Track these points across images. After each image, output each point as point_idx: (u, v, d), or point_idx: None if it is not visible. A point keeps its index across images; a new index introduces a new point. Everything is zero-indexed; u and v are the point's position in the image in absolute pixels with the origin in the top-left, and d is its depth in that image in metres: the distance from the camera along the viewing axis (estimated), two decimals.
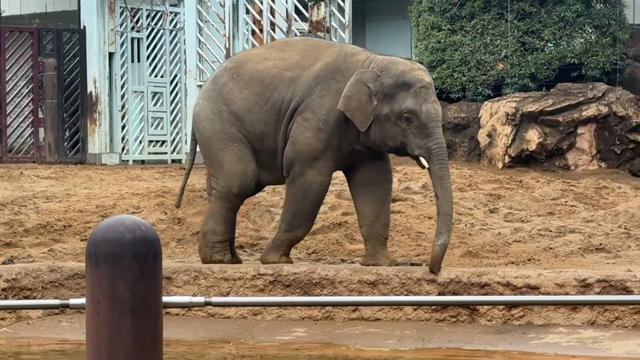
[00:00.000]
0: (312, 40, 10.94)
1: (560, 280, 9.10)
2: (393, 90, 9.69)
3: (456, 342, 8.92)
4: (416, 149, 9.65)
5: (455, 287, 9.32)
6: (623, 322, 8.90)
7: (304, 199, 10.00)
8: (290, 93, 9.96)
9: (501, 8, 21.01)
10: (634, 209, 12.61)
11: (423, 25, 21.73)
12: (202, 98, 10.42)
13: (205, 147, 10.37)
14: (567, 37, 20.81)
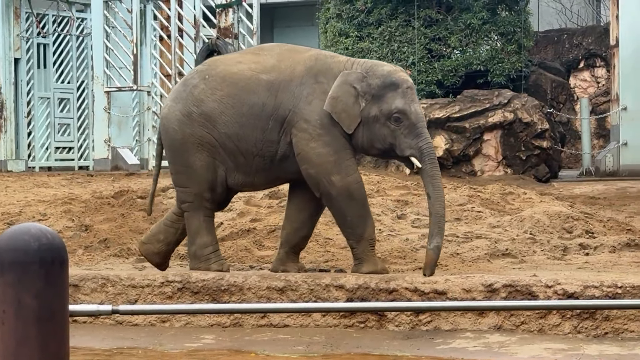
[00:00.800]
0: (287, 45, 10.77)
1: (467, 286, 9.16)
2: (381, 90, 9.56)
3: (364, 348, 8.93)
4: (407, 149, 9.53)
5: (363, 293, 9.33)
6: (529, 327, 8.97)
7: (350, 205, 9.69)
8: (272, 99, 9.70)
9: (408, 15, 21.15)
10: (539, 214, 12.73)
11: (331, 31, 21.81)
12: (171, 100, 10.12)
13: (174, 152, 10.04)
14: (473, 44, 21.03)
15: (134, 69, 23.01)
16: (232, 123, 9.79)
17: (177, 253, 11.70)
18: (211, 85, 9.87)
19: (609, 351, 8.48)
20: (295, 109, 9.64)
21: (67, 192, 15.22)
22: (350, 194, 9.65)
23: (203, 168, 9.88)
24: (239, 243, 11.94)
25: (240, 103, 9.77)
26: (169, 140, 10.08)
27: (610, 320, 8.77)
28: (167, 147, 10.16)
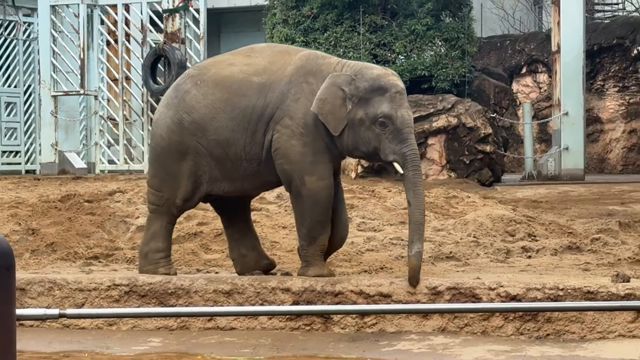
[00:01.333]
0: (279, 46, 10.59)
1: (411, 289, 9.19)
2: (368, 94, 9.42)
3: (310, 350, 8.93)
4: (390, 154, 9.43)
5: (309, 296, 9.33)
6: (472, 329, 9.02)
7: (315, 208, 9.54)
8: (262, 100, 9.57)
9: (353, 21, 21.19)
10: (483, 218, 12.81)
11: (277, 37, 21.80)
12: (163, 106, 9.97)
13: (158, 156, 9.90)
14: (417, 49, 21.10)
15: (81, 73, 22.89)
16: (222, 128, 9.63)
17: (124, 257, 11.66)
18: (203, 91, 9.71)
19: (551, 352, 8.53)
20: (282, 106, 9.51)
21: (14, 196, 15.10)
22: (318, 198, 9.53)
23: (183, 177, 9.75)
24: (185, 246, 11.91)
25: (232, 107, 9.62)
26: (154, 144, 10.00)
27: (552, 322, 8.83)
28: (151, 149, 10.10)
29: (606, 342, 8.65)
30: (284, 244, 12.06)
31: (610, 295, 8.64)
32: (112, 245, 12.23)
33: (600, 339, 8.70)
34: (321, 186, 9.51)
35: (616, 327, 8.71)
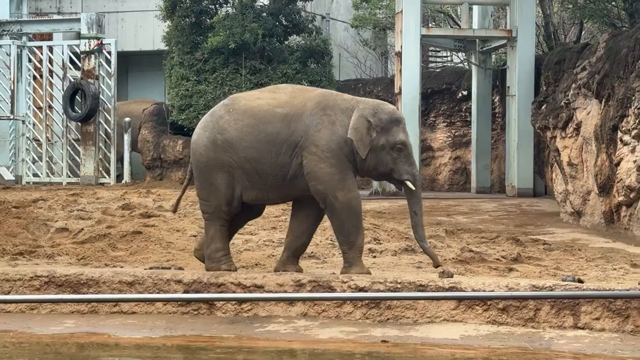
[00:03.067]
0: (298, 86, 10.60)
1: (280, 281, 9.20)
2: (388, 125, 9.51)
3: (197, 331, 8.89)
4: (404, 174, 9.52)
5: (197, 287, 9.29)
6: (328, 314, 9.06)
7: (350, 217, 9.48)
8: (285, 129, 9.51)
9: (237, 65, 21.20)
10: None
11: (175, 76, 21.70)
12: (200, 128, 9.84)
13: (201, 171, 9.79)
14: None
15: (12, 101, 22.43)
16: (250, 148, 9.55)
17: (45, 253, 11.45)
18: (234, 117, 9.64)
19: (390, 333, 8.63)
20: (307, 136, 9.46)
21: None
22: (351, 207, 9.49)
23: (223, 186, 9.66)
24: (96, 245, 11.74)
25: (258, 131, 9.56)
26: (196, 161, 9.85)
27: (392, 309, 8.92)
28: (194, 166, 9.92)
29: (434, 325, 8.76)
30: (177, 244, 11.97)
31: (437, 288, 8.77)
32: (34, 244, 11.99)
33: (429, 322, 8.81)
34: (351, 197, 9.50)
35: (442, 313, 8.83)
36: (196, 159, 9.83)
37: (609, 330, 8.39)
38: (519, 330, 8.54)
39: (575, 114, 15.74)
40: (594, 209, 14.98)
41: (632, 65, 13.92)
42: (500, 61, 23.31)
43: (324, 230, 13.06)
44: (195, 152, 9.86)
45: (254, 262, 10.92)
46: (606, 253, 11.85)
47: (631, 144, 13.71)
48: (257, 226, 13.43)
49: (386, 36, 28.99)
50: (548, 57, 19.04)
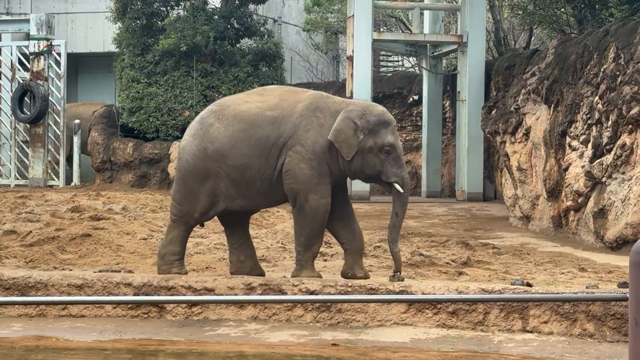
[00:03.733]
0: (287, 87, 10.48)
1: (231, 284, 9.18)
2: (376, 127, 9.44)
3: (147, 334, 8.85)
4: (392, 176, 9.47)
5: (147, 290, 9.24)
6: (279, 317, 9.06)
7: (314, 221, 9.41)
8: (275, 130, 9.44)
9: (188, 67, 21.14)
10: (289, 228, 12.89)
11: (125, 78, 21.58)
12: (190, 135, 9.71)
13: (183, 177, 9.65)
14: (239, 92, 21.12)
15: None
16: (241, 155, 9.45)
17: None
18: (224, 124, 9.54)
19: (341, 336, 8.65)
20: (294, 136, 9.41)
21: None
22: (318, 213, 9.43)
23: (203, 195, 9.54)
24: (45, 248, 11.63)
25: (249, 136, 9.48)
26: (180, 166, 9.75)
27: (342, 312, 8.94)
28: (177, 170, 9.84)
29: (384, 328, 8.80)
30: (127, 247, 11.90)
31: (388, 291, 8.80)
32: None
33: (380, 326, 8.84)
34: (321, 203, 9.43)
35: (392, 316, 8.87)
36: (181, 165, 9.74)
37: (557, 333, 8.48)
38: (468, 334, 8.60)
39: (525, 119, 15.89)
40: (543, 213, 15.14)
41: (580, 71, 14.09)
42: (450, 66, 23.47)
43: (275, 234, 13.07)
44: (181, 157, 9.76)
45: (204, 265, 10.89)
46: (554, 257, 11.98)
47: (579, 150, 13.87)
48: (208, 229, 13.39)
49: (338, 40, 29.08)
50: (498, 63, 19.21)
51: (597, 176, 13.26)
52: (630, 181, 12.55)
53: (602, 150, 13.20)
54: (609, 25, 14.15)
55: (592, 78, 13.67)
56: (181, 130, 20.43)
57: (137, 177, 20.50)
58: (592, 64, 13.75)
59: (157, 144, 20.33)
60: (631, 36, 12.88)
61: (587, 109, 13.65)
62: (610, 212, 12.94)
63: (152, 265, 10.90)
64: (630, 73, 12.54)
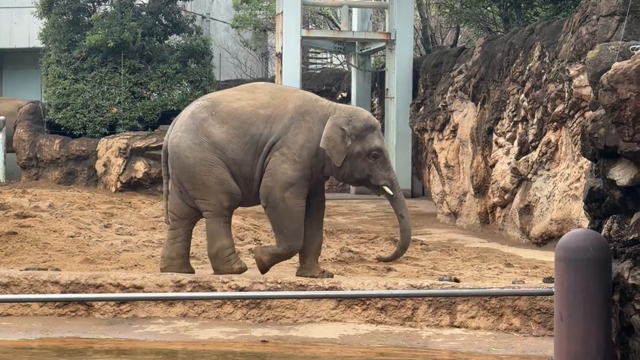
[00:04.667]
0: (275, 85, 10.57)
1: (160, 282, 9.13)
2: (363, 132, 9.52)
3: (75, 332, 8.76)
4: (381, 179, 9.61)
5: (75, 288, 9.14)
6: (208, 314, 9.03)
7: (291, 220, 9.42)
8: (267, 130, 9.44)
9: (116, 63, 20.93)
10: None
11: (51, 74, 21.29)
12: (181, 131, 9.55)
13: (189, 174, 9.50)
14: (168, 89, 21.04)
15: None
16: (237, 151, 9.45)
17: None
18: (218, 120, 9.49)
19: (270, 333, 8.65)
20: (284, 137, 9.44)
21: None
22: (293, 213, 9.44)
23: (217, 184, 9.47)
24: None
25: (244, 134, 9.46)
26: (181, 164, 9.56)
27: (272, 309, 8.95)
28: (180, 171, 9.60)
29: (314, 325, 8.82)
30: (54, 244, 11.77)
31: (317, 288, 8.83)
32: None
33: (309, 322, 8.86)
34: (296, 203, 9.44)
35: (321, 312, 8.89)
36: (182, 162, 9.59)
37: (484, 328, 8.58)
38: (397, 329, 8.66)
39: (452, 116, 16.05)
40: (470, 209, 15.31)
41: (506, 69, 14.27)
42: (379, 63, 23.60)
43: (204, 231, 13.01)
44: (179, 156, 9.60)
45: (133, 262, 10.82)
46: (481, 253, 12.12)
47: (505, 146, 14.06)
48: (137, 227, 13.31)
49: (267, 37, 29.05)
50: (426, 60, 19.36)
51: (523, 173, 13.45)
52: (555, 178, 12.76)
53: (528, 147, 13.39)
54: (534, 24, 14.36)
55: (518, 76, 13.85)
56: (108, 127, 20.26)
57: (64, 175, 20.25)
58: (518, 62, 13.94)
59: (85, 141, 20.10)
60: (556, 35, 13.08)
61: (513, 107, 13.84)
62: (536, 209, 13.13)
63: (80, 262, 10.81)
64: (555, 71, 12.74)
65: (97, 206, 15.29)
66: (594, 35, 11.74)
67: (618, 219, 4.31)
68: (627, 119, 3.95)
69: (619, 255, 4.24)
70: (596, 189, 4.40)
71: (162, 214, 13.28)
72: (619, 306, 4.17)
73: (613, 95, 3.99)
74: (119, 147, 19.24)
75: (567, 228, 12.13)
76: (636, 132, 3.94)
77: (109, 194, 18.11)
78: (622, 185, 4.18)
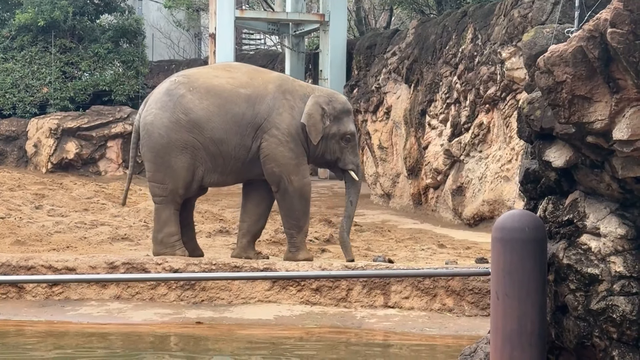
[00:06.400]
0: (250, 65, 10.49)
1: (93, 263, 9.03)
2: (341, 114, 9.53)
3: (5, 315, 8.62)
4: (349, 164, 9.59)
5: (5, 270, 8.99)
6: (142, 296, 8.96)
7: (301, 201, 9.44)
8: (250, 110, 9.35)
9: (47, 43, 20.62)
10: (151, 207, 12.74)
11: None
12: (156, 108, 9.33)
13: (158, 153, 9.31)
14: (100, 69, 20.79)
15: None
16: (217, 129, 9.31)
17: None
18: (197, 96, 9.34)
19: (205, 314, 8.61)
20: (269, 118, 9.37)
21: None
22: (303, 193, 9.49)
23: (183, 169, 9.31)
24: None
25: (225, 112, 9.33)
26: (152, 143, 9.36)
27: (206, 290, 8.91)
28: (149, 148, 9.40)
29: (248, 306, 8.80)
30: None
31: (252, 269, 8.80)
32: None
33: (244, 303, 8.84)
34: (304, 183, 9.51)
35: (256, 294, 8.88)
36: (153, 141, 9.43)
37: (418, 308, 8.63)
38: (331, 310, 8.67)
39: (386, 98, 16.10)
40: (403, 191, 15.39)
41: (439, 51, 14.34)
42: (313, 45, 23.57)
43: (137, 212, 12.91)
44: (151, 133, 9.43)
45: (65, 244, 10.68)
46: (415, 234, 12.19)
47: (438, 128, 14.14)
48: (69, 208, 13.15)
49: (200, 17, 28.82)
50: (359, 42, 19.38)
51: (456, 154, 13.55)
52: (487, 159, 12.87)
53: (461, 129, 13.49)
54: (467, 7, 14.44)
55: (451, 58, 13.93)
56: (39, 107, 19.96)
57: None
58: (451, 44, 14.01)
59: (14, 121, 19.78)
60: (488, 17, 13.17)
61: (446, 89, 13.92)
62: (468, 190, 13.25)
63: (11, 244, 10.64)
64: (487, 54, 12.83)
65: (28, 187, 15.07)
66: (526, 18, 11.84)
67: (553, 200, 4.34)
68: (563, 101, 3.97)
69: (554, 236, 4.28)
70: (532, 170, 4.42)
71: (122, 195, 13.21)
72: (554, 286, 4.22)
73: (549, 78, 4.00)
74: (50, 128, 18.98)
75: (499, 209, 12.27)
76: (572, 114, 3.97)
77: (39, 174, 17.86)
78: (558, 167, 4.21)
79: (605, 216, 4.14)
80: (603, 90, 3.88)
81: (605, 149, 3.95)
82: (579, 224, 4.18)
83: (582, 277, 4.10)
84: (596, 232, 4.13)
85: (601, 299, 4.06)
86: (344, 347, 7.96)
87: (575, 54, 3.90)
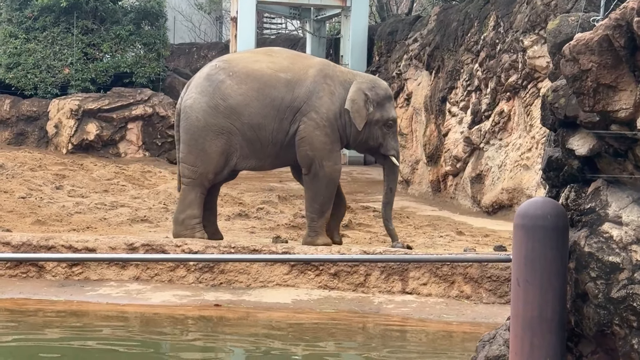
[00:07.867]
0: (291, 50, 10.61)
1: (112, 244, 9.06)
2: (383, 100, 9.57)
3: (26, 294, 8.67)
4: (391, 149, 9.64)
5: (27, 249, 9.03)
6: (161, 278, 8.98)
7: (328, 187, 9.48)
8: (289, 94, 9.37)
9: (69, 24, 20.67)
10: (171, 189, 12.79)
11: (2, 33, 20.96)
12: (196, 93, 9.39)
13: (192, 135, 9.36)
14: (121, 50, 20.82)
15: None
16: (255, 114, 9.34)
17: None
18: (236, 81, 9.37)
19: (224, 297, 8.63)
20: (309, 102, 9.39)
21: None
22: (332, 179, 9.51)
23: (216, 153, 9.36)
24: None
25: (264, 96, 9.36)
26: (188, 125, 9.42)
27: (225, 273, 8.92)
28: (185, 130, 9.45)
29: (267, 289, 8.82)
30: (5, 205, 11.64)
31: (271, 253, 8.82)
32: None
33: (262, 287, 8.86)
34: (336, 169, 9.54)
35: (275, 277, 8.89)
36: (190, 123, 9.47)
37: (436, 295, 8.63)
38: (349, 295, 8.68)
39: (406, 84, 16.07)
40: (422, 177, 15.37)
41: (461, 38, 14.30)
42: (334, 30, 23.53)
43: (157, 195, 12.95)
44: (189, 116, 9.48)
45: (85, 225, 10.73)
46: (433, 221, 12.18)
47: (459, 116, 14.11)
48: (89, 189, 13.20)
49: (221, 1, 28.83)
50: (381, 28, 19.34)
51: (475, 142, 13.52)
52: (507, 147, 12.84)
53: (481, 116, 13.45)
54: None
55: (473, 45, 13.89)
56: (60, 88, 20.01)
57: (14, 135, 19.97)
58: (473, 31, 13.97)
59: (36, 101, 19.84)
60: (511, 5, 13.12)
61: (467, 76, 13.88)
62: (487, 178, 13.22)
63: (31, 224, 10.70)
64: (509, 41, 12.79)
65: (49, 168, 15.13)
66: (549, 6, 11.78)
67: (576, 188, 4.33)
68: (588, 89, 3.96)
69: (575, 224, 4.26)
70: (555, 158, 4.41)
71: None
72: (575, 274, 4.20)
73: (575, 66, 3.99)
74: (71, 109, 19.04)
75: (518, 197, 12.24)
76: (596, 102, 3.95)
77: (60, 155, 17.92)
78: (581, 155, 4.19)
79: (627, 205, 4.12)
80: (628, 79, 3.87)
81: (629, 138, 3.93)
82: (600, 213, 4.17)
83: (603, 265, 4.09)
84: (618, 221, 4.11)
85: (622, 287, 4.05)
86: (362, 331, 7.97)
87: (600, 43, 3.88)
